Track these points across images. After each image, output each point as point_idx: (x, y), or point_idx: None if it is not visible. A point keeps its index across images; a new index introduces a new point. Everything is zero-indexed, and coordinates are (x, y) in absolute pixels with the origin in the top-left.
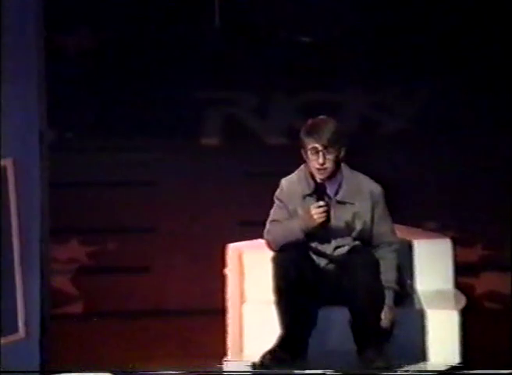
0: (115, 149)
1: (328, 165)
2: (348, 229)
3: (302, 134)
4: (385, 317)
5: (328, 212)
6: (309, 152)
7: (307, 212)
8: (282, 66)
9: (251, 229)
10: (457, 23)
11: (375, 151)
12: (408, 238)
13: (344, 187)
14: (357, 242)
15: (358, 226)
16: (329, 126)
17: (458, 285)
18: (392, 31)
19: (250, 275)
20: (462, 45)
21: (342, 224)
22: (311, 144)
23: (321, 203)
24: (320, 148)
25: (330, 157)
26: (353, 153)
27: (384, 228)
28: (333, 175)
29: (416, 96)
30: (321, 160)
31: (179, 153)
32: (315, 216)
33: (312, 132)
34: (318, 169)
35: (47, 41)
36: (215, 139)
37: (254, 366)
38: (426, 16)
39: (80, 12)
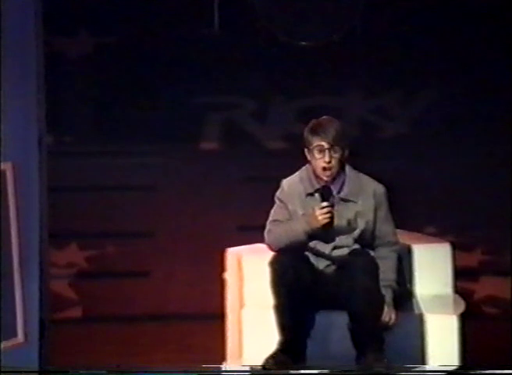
0: (115, 153)
1: (334, 164)
2: (350, 228)
3: (307, 133)
4: (384, 316)
5: (332, 213)
6: (314, 151)
7: (311, 212)
8: (282, 71)
9: (250, 233)
10: (457, 26)
11: (374, 155)
12: (407, 243)
13: (347, 185)
14: (356, 245)
15: (361, 225)
16: (334, 125)
17: (457, 290)
18: (392, 35)
19: (250, 279)
20: (462, 49)
21: (344, 222)
22: (317, 142)
23: (326, 204)
24: (326, 146)
25: (335, 156)
26: (353, 157)
27: (386, 229)
28: (337, 175)
29: (415, 100)
30: (327, 158)
31: (179, 157)
32: (320, 217)
33: (318, 130)
34: (324, 169)
35: (46, 44)
36: (214, 143)
37: (253, 370)
38: (426, 20)
39: (80, 15)
